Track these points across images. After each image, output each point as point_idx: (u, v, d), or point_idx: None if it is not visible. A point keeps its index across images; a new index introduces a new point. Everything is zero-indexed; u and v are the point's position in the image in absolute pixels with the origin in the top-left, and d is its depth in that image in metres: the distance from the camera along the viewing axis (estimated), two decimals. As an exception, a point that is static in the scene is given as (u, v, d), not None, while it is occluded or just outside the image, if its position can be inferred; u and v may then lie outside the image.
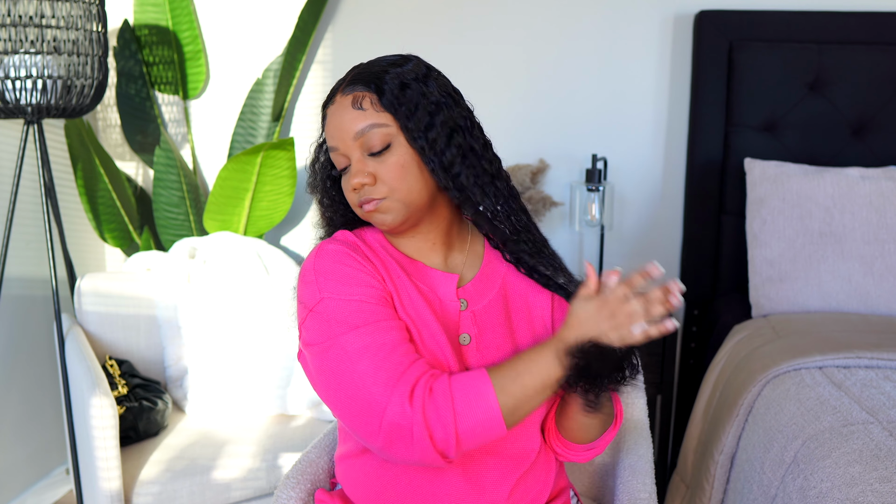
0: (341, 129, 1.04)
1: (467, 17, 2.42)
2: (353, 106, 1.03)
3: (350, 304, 1.00)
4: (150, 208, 2.49)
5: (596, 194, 2.28)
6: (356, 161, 1.04)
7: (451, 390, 0.95)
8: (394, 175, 1.03)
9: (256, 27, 2.50)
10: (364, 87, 1.03)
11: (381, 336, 0.99)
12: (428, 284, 1.09)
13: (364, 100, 1.03)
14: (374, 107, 1.02)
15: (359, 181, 1.03)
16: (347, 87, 1.05)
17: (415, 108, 1.02)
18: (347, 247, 1.06)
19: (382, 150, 1.03)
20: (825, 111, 2.23)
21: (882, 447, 1.30)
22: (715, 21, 2.26)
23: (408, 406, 0.94)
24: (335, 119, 1.05)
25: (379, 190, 1.03)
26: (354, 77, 1.05)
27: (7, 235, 1.94)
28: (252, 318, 2.06)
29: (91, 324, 2.07)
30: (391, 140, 1.03)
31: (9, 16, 1.71)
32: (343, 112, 1.04)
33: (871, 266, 2.02)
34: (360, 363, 0.97)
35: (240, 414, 2.06)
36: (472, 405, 0.94)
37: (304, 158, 2.61)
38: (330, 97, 1.08)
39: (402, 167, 1.03)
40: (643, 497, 1.21)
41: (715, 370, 1.99)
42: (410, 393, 0.95)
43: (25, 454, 2.29)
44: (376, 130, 1.02)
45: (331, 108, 1.07)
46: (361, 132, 1.02)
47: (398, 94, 1.02)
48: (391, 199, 1.04)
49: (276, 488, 1.20)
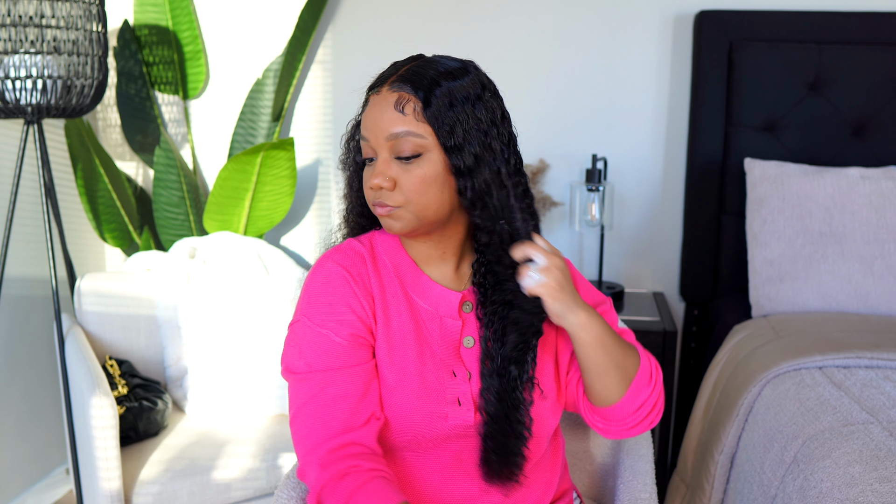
0: (377, 124, 1.02)
1: (467, 17, 2.43)
2: (396, 107, 1.00)
3: (319, 337, 1.04)
4: (150, 208, 2.49)
5: (596, 194, 2.28)
6: (382, 161, 1.02)
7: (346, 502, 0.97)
8: (415, 187, 1.01)
9: (256, 27, 2.50)
10: (412, 91, 1.00)
11: (332, 388, 1.02)
12: (429, 301, 1.09)
13: (408, 104, 1.00)
14: (416, 115, 1.00)
15: (378, 183, 1.01)
16: (397, 82, 1.02)
17: (456, 129, 1.00)
18: (348, 264, 1.07)
19: (411, 157, 1.01)
20: (825, 111, 2.23)
21: (882, 447, 1.30)
22: (715, 21, 2.26)
23: (312, 481, 1.01)
24: (374, 111, 1.03)
25: (395, 197, 1.02)
26: (407, 75, 1.02)
27: (7, 235, 1.94)
28: (252, 318, 2.06)
29: (91, 324, 2.07)
30: (423, 151, 1.00)
31: (9, 16, 1.71)
32: (384, 108, 1.01)
33: (871, 266, 2.02)
34: (304, 410, 1.03)
35: (240, 414, 2.06)
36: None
37: (304, 158, 2.62)
38: (378, 84, 1.04)
39: (424, 181, 1.01)
40: (644, 497, 1.20)
41: (715, 370, 1.99)
42: (316, 476, 1.00)
43: (25, 454, 2.29)
44: (411, 138, 1.00)
45: (374, 97, 1.04)
46: (395, 135, 1.00)
47: (444, 110, 0.99)
48: (406, 209, 1.02)
49: (277, 488, 1.20)
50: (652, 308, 2.27)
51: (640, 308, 2.27)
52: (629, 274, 2.50)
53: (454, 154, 1.00)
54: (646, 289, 2.50)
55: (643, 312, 2.22)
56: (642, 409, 1.10)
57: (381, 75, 1.05)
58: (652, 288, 2.50)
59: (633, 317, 2.18)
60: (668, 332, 2.09)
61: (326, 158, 2.57)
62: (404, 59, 1.07)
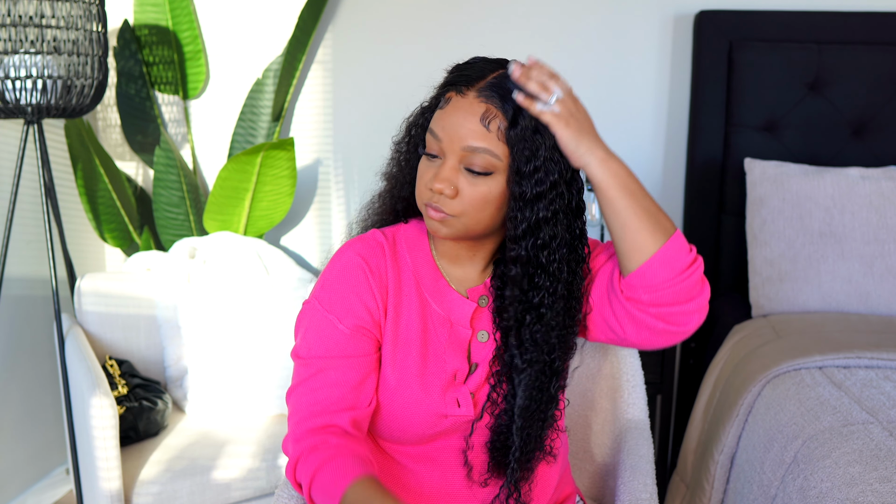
0: (457, 130, 0.97)
1: (467, 17, 2.42)
2: (482, 120, 0.96)
3: (324, 322, 1.05)
4: (150, 208, 2.49)
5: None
6: (450, 168, 0.99)
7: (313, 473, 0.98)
8: (475, 203, 0.99)
9: (256, 27, 2.50)
10: (500, 105, 0.96)
11: (327, 375, 1.03)
12: (443, 306, 1.09)
13: (494, 120, 0.96)
14: (499, 133, 0.96)
15: (441, 188, 0.98)
16: (486, 90, 0.97)
17: (533, 157, 0.96)
18: (368, 255, 1.07)
19: (480, 173, 0.98)
20: (825, 111, 2.23)
21: (882, 447, 1.30)
22: (715, 21, 2.26)
23: (292, 450, 1.03)
24: (456, 115, 0.98)
25: (453, 206, 0.99)
26: (498, 84, 0.97)
27: (7, 235, 1.94)
28: (252, 318, 2.06)
29: (91, 324, 2.07)
30: (494, 170, 0.98)
31: (9, 16, 1.71)
32: (467, 116, 0.97)
33: (871, 266, 2.02)
34: (298, 390, 1.05)
35: (240, 414, 2.06)
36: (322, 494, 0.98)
37: (304, 158, 2.62)
38: (463, 83, 0.99)
39: (486, 199, 0.99)
40: (644, 497, 1.20)
41: (715, 370, 1.99)
42: (294, 464, 1.02)
43: (25, 454, 2.29)
44: (487, 156, 0.97)
45: (459, 98, 0.98)
46: (473, 149, 0.97)
47: (529, 134, 0.96)
48: (459, 219, 1.00)
49: (277, 488, 1.21)
50: (652, 308, 2.27)
51: (640, 308, 2.26)
52: (629, 274, 2.50)
53: (524, 181, 0.97)
54: (646, 289, 2.50)
55: (643, 312, 2.22)
56: (687, 271, 1.00)
57: (467, 74, 1.00)
58: (652, 288, 2.50)
59: (633, 317, 2.18)
60: (668, 332, 2.08)
61: (326, 158, 2.57)
62: (490, 58, 1.02)
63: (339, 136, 2.55)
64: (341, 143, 2.55)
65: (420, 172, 1.03)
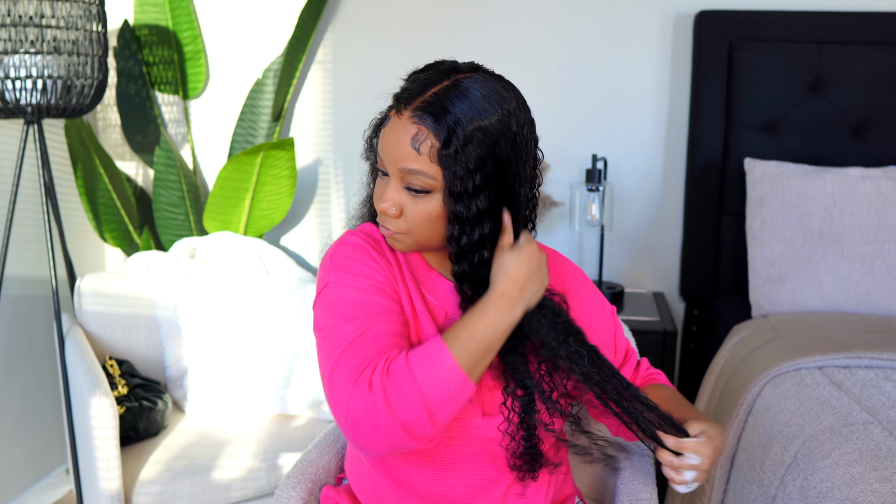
0: (392, 153, 0.99)
1: (467, 17, 2.43)
2: (413, 143, 0.96)
3: (350, 292, 1.02)
4: (150, 208, 2.49)
5: (596, 194, 2.28)
6: (392, 188, 1.00)
7: (407, 363, 0.94)
8: (420, 221, 1.00)
9: (256, 27, 2.50)
10: (433, 126, 0.95)
11: (369, 329, 0.99)
12: (438, 296, 1.09)
13: (425, 143, 0.96)
14: (431, 155, 0.96)
15: (385, 207, 1.00)
16: (420, 111, 0.96)
17: (466, 174, 0.96)
18: (368, 241, 1.07)
19: (420, 192, 0.99)
20: (825, 111, 2.23)
21: (882, 447, 1.30)
22: (715, 21, 2.26)
23: (368, 395, 0.93)
24: (391, 137, 0.99)
25: (399, 225, 1.01)
26: (434, 102, 0.96)
27: (7, 235, 1.94)
28: (252, 318, 2.06)
29: (91, 324, 2.07)
30: (433, 189, 0.98)
31: (9, 16, 1.71)
32: (401, 138, 0.97)
33: (871, 266, 2.02)
34: (343, 357, 0.97)
35: (240, 414, 2.06)
36: (429, 369, 0.93)
37: (304, 158, 2.62)
38: (403, 100, 0.98)
39: (429, 217, 1.00)
40: (644, 497, 1.21)
41: (715, 370, 1.99)
42: (369, 382, 0.94)
43: (25, 454, 2.29)
44: (422, 177, 0.97)
45: (396, 118, 0.99)
46: (408, 171, 0.98)
47: (459, 151, 0.95)
48: (408, 236, 1.02)
49: (277, 488, 1.21)
50: (652, 308, 2.27)
51: (640, 308, 2.27)
52: (629, 274, 2.50)
53: (458, 202, 0.97)
54: (646, 289, 2.50)
55: (643, 312, 2.22)
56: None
57: (409, 89, 0.99)
58: (652, 288, 2.50)
59: (633, 317, 2.18)
60: (668, 332, 2.09)
61: (326, 158, 2.57)
62: (442, 67, 1.01)
63: (339, 136, 2.55)
64: (341, 143, 2.55)
65: (374, 191, 1.05)
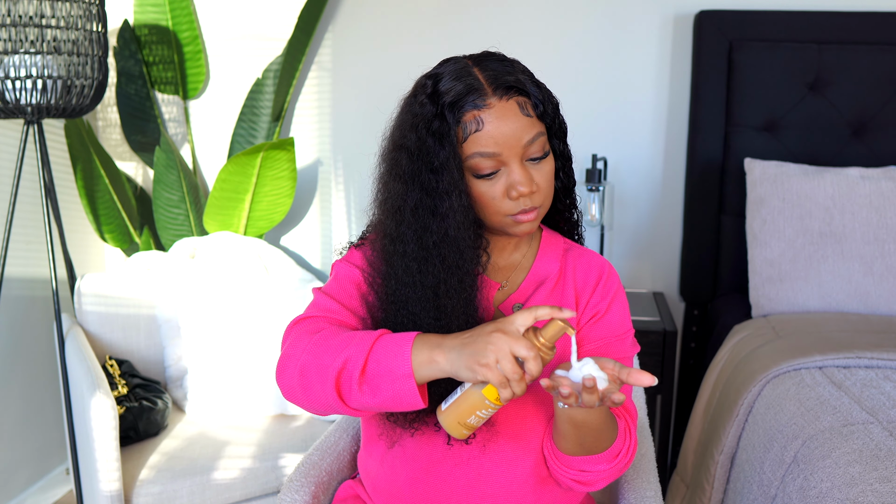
0: (512, 135, 0.99)
1: (467, 18, 2.43)
2: (522, 111, 0.99)
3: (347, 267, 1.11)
4: (150, 208, 2.49)
5: (596, 194, 2.28)
6: (519, 169, 1.00)
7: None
8: (549, 184, 1.04)
9: (256, 27, 2.50)
10: (520, 94, 1.00)
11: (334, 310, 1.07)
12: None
13: (528, 106, 1.00)
14: (535, 113, 1.01)
15: (528, 189, 1.00)
16: (500, 89, 0.99)
17: (555, 118, 1.05)
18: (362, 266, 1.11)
19: (539, 159, 1.02)
20: (825, 111, 2.23)
21: (882, 447, 1.30)
22: (715, 21, 2.26)
23: (289, 329, 1.05)
24: (502, 125, 0.98)
25: (537, 199, 1.03)
26: (500, 76, 0.99)
27: (7, 235, 1.94)
28: (252, 318, 2.06)
29: (91, 324, 2.07)
30: (545, 146, 1.03)
31: (9, 16, 1.71)
32: (511, 117, 0.99)
33: (871, 266, 2.02)
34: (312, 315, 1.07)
35: (240, 414, 2.06)
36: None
37: (304, 158, 2.62)
38: (473, 95, 0.98)
39: (551, 176, 1.05)
40: (649, 495, 1.21)
41: (715, 370, 1.99)
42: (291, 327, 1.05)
43: (25, 454, 2.29)
44: (541, 138, 1.02)
45: (488, 112, 0.98)
46: (532, 140, 1.00)
47: (546, 103, 1.03)
48: (542, 207, 1.04)
49: (280, 491, 1.21)
50: (652, 308, 2.27)
51: (640, 308, 2.27)
52: (629, 274, 2.50)
53: (560, 145, 1.08)
54: (646, 289, 2.50)
55: (643, 312, 2.22)
56: (623, 460, 1.05)
57: (467, 84, 0.99)
58: (652, 288, 2.50)
59: (634, 317, 2.18)
60: (667, 332, 2.09)
61: (326, 158, 2.57)
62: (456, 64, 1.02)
63: (339, 136, 2.55)
64: (341, 143, 2.55)
65: (484, 194, 1.01)
